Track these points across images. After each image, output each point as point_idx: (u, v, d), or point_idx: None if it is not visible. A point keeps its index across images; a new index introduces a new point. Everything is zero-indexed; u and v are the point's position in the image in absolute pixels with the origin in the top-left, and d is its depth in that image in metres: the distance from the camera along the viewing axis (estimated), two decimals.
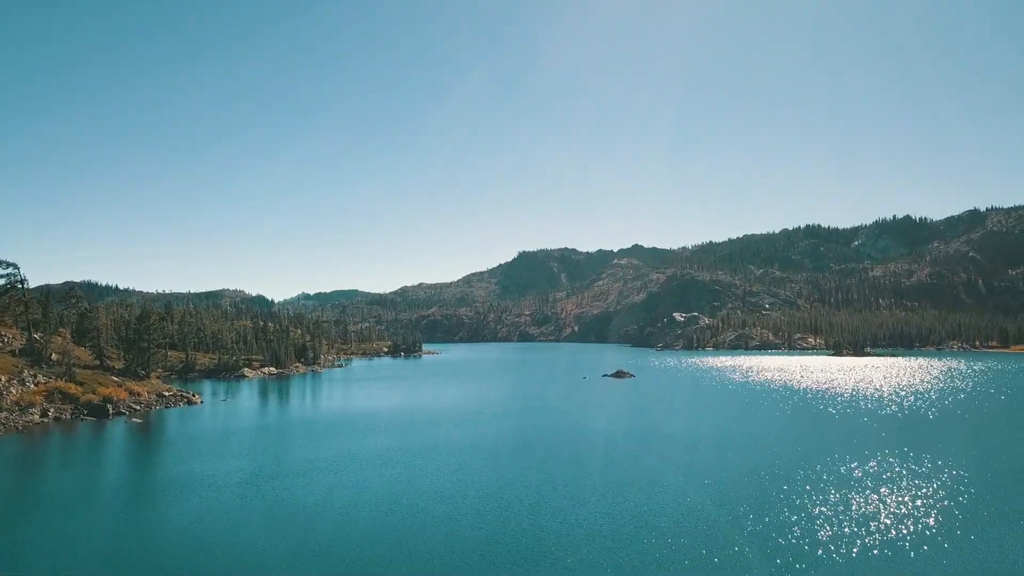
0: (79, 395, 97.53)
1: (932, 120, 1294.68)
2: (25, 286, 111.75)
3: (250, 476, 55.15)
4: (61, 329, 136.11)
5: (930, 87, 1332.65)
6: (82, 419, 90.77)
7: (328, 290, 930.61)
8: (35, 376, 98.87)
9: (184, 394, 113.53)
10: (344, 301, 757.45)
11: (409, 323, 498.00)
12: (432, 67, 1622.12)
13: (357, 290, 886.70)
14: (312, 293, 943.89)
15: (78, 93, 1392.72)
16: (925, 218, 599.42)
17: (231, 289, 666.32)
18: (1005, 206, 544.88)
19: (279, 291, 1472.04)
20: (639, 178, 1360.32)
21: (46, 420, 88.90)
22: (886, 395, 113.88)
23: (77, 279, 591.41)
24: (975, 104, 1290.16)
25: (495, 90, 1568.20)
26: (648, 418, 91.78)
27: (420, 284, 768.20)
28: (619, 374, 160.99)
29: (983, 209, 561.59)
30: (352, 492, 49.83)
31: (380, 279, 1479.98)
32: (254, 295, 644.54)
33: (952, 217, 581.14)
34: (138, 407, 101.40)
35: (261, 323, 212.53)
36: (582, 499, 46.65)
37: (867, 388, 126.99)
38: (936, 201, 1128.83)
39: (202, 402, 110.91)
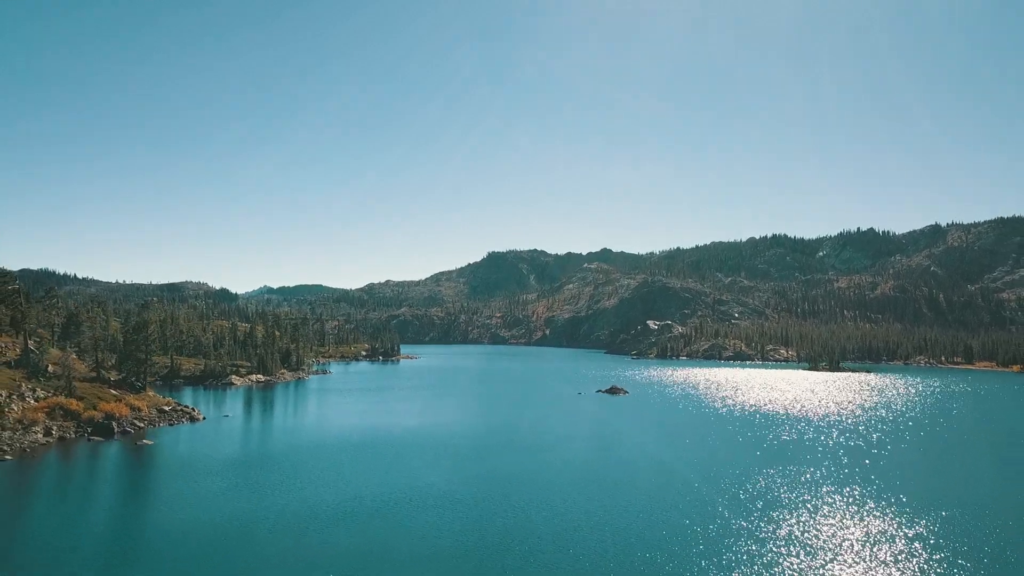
0: (81, 411, 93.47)
1: (898, 135, 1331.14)
2: (23, 294, 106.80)
3: (290, 522, 52.99)
4: (40, 330, 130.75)
5: (898, 102, 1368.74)
6: (88, 439, 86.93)
7: (291, 284, 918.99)
8: (34, 390, 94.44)
9: (185, 409, 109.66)
10: (309, 296, 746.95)
11: (379, 323, 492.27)
12: (408, 70, 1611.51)
13: (322, 285, 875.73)
14: (275, 287, 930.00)
15: (46, 81, 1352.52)
16: (888, 231, 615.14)
17: (193, 281, 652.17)
18: (965, 222, 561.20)
19: (240, 283, 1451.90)
20: (608, 182, 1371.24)
21: (50, 440, 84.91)
22: (889, 421, 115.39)
23: (34, 267, 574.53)
24: (940, 121, 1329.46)
25: (470, 91, 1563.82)
26: (696, 455, 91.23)
27: (387, 281, 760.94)
28: (613, 390, 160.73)
29: (944, 224, 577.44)
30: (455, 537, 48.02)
31: (345, 274, 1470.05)
32: (217, 288, 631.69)
33: (914, 231, 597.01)
34: (141, 424, 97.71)
35: (246, 327, 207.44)
36: None
37: (871, 413, 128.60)
38: (899, 215, 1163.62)
39: (204, 418, 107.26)
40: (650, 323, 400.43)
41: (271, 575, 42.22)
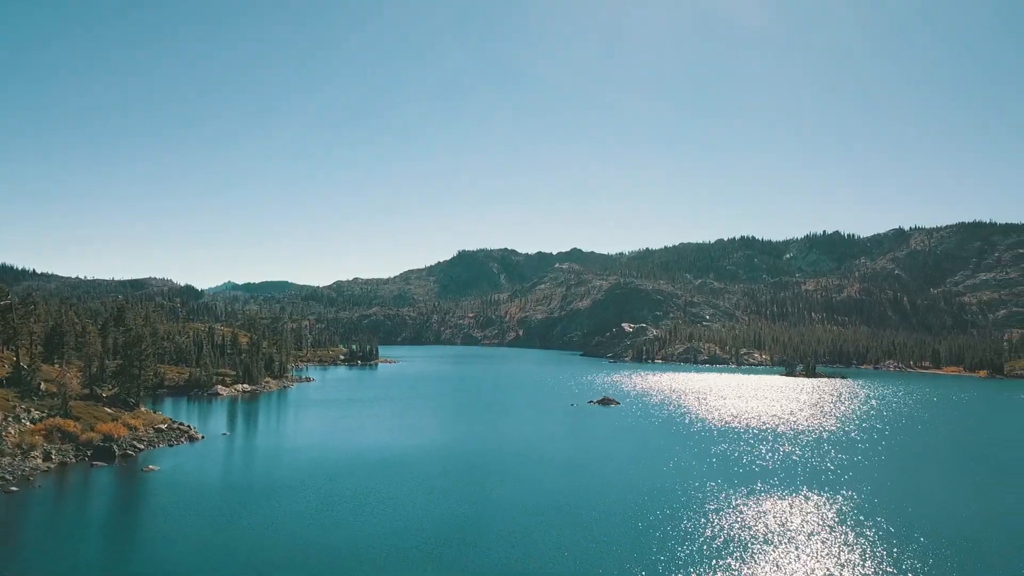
0: (79, 433, 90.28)
1: (864, 138, 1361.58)
2: (15, 308, 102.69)
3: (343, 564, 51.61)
4: (22, 341, 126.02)
5: (865, 106, 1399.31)
6: (90, 465, 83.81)
7: (257, 280, 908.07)
8: (29, 411, 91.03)
9: (182, 427, 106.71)
10: (276, 294, 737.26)
11: (351, 323, 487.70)
12: (393, 67, 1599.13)
13: (288, 282, 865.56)
14: (240, 283, 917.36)
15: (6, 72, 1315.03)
16: (853, 234, 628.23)
17: (157, 278, 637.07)
18: (928, 226, 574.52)
19: (203, 279, 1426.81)
20: (579, 181, 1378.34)
21: (50, 465, 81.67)
22: (886, 432, 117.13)
23: None
24: (906, 126, 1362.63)
25: (441, 89, 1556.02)
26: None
27: (355, 279, 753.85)
28: (605, 401, 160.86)
29: (907, 228, 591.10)
30: None
31: (311, 271, 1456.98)
32: (182, 284, 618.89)
33: (878, 235, 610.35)
34: (140, 445, 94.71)
35: (224, 329, 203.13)
36: None
37: (871, 425, 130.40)
38: (864, 218, 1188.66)
39: (203, 437, 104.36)
40: (625, 326, 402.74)
41: None
